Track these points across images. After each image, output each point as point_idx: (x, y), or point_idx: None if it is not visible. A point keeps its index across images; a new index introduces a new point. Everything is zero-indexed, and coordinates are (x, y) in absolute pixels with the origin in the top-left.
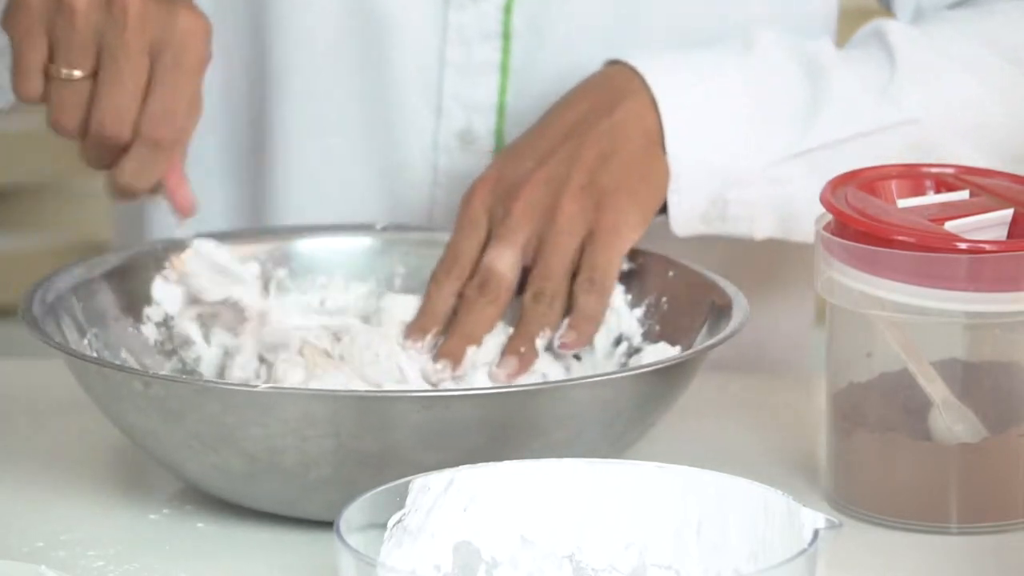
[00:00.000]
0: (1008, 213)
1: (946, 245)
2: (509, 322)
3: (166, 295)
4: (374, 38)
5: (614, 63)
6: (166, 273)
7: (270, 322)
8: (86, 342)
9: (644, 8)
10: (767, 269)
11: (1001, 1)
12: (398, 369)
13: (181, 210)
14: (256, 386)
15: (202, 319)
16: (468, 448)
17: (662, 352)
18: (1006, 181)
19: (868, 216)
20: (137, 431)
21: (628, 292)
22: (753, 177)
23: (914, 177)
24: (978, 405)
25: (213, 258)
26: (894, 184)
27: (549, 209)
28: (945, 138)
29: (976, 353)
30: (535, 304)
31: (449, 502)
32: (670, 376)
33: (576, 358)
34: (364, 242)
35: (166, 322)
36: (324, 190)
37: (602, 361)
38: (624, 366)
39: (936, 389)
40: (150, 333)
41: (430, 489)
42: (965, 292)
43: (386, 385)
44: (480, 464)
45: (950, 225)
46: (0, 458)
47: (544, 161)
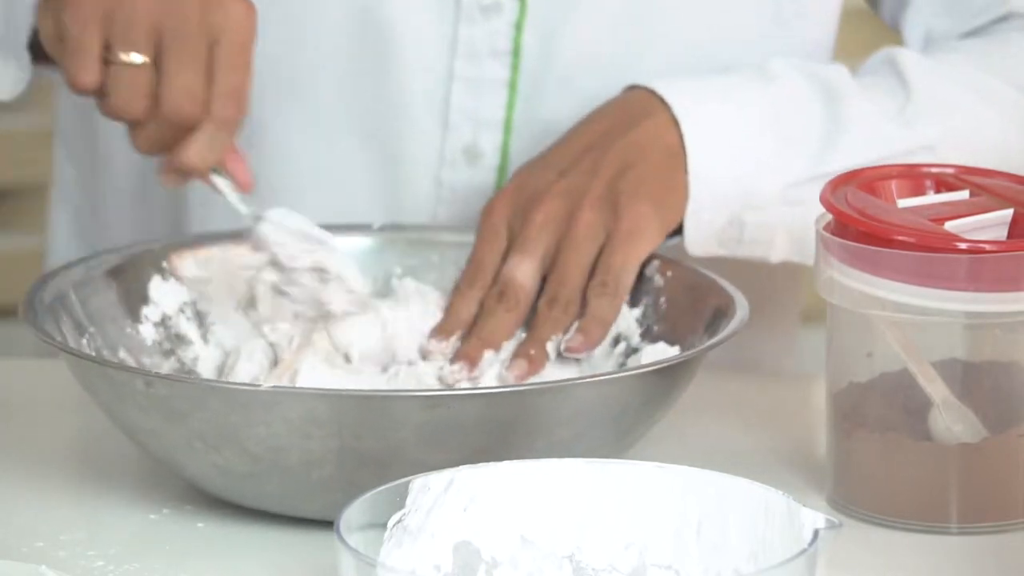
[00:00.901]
0: (1008, 213)
1: (946, 245)
2: (524, 328)
3: (163, 295)
4: (383, 50)
5: (632, 88)
6: (252, 246)
7: (351, 286)
8: (85, 341)
9: (653, 30)
10: (752, 270)
11: (1013, 31)
12: (418, 360)
13: (244, 185)
14: (259, 385)
15: (200, 317)
16: (471, 448)
17: (661, 352)
18: (1006, 181)
19: (868, 216)
20: (139, 431)
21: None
22: (771, 199)
23: (914, 177)
24: (978, 405)
25: (291, 225)
26: (894, 184)
27: (568, 219)
28: (956, 162)
29: (976, 353)
30: (549, 309)
31: (449, 502)
32: (672, 375)
33: (575, 359)
34: (361, 242)
35: (163, 322)
36: (327, 201)
37: (600, 361)
38: (622, 366)
39: (936, 389)
40: (148, 333)
41: (430, 489)
42: (965, 292)
43: (402, 369)
44: (480, 464)
45: (950, 225)
46: (0, 458)
47: (564, 173)
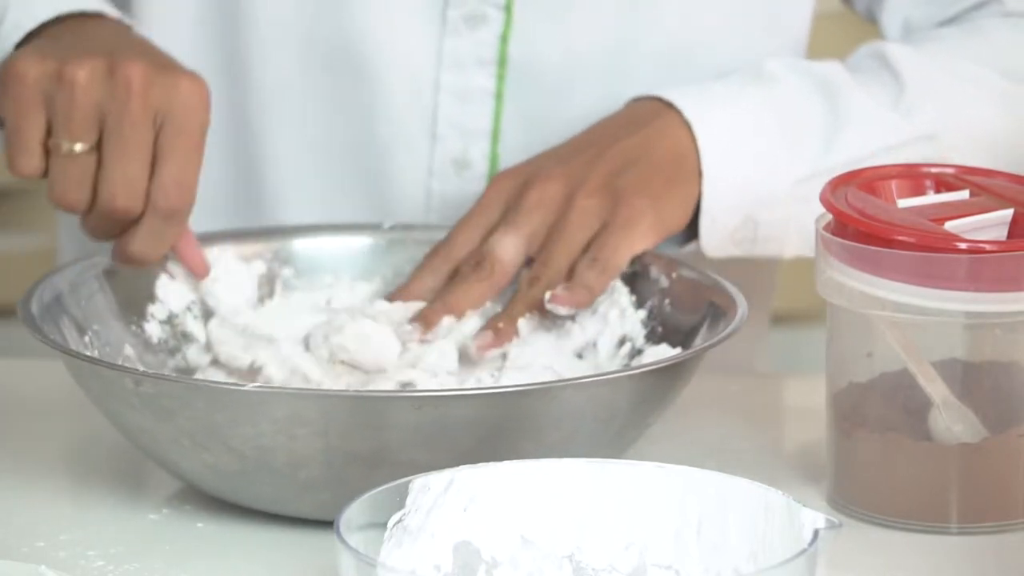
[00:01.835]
0: (1008, 213)
1: (946, 245)
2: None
3: (170, 293)
4: (369, 64)
5: (637, 99)
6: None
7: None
8: (87, 339)
9: (637, 38)
10: (721, 273)
11: (991, 18)
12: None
13: (196, 273)
14: (244, 385)
15: (207, 316)
16: (460, 449)
17: (662, 354)
18: (1006, 181)
19: (868, 216)
20: (131, 429)
21: (632, 293)
22: (781, 197)
23: (914, 177)
24: (978, 405)
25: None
26: (894, 184)
27: (563, 203)
28: (957, 153)
29: (976, 353)
30: (528, 287)
31: (449, 502)
32: (665, 377)
33: (579, 356)
34: (370, 241)
35: (170, 320)
36: (316, 213)
37: (605, 362)
38: (626, 367)
39: (936, 389)
40: (153, 331)
41: (430, 489)
42: (965, 292)
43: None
44: (480, 464)
45: (950, 225)
46: (0, 458)
47: (567, 161)
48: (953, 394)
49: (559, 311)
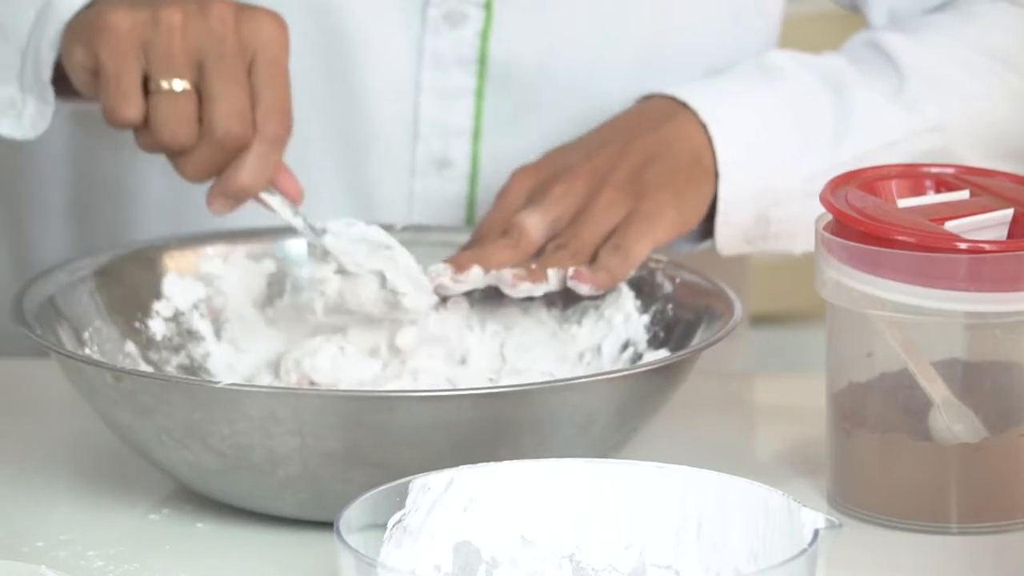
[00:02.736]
0: (1008, 213)
1: (946, 245)
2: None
3: (177, 291)
4: (349, 64)
5: (648, 97)
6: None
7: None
8: (86, 336)
9: (617, 35)
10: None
11: (977, 3)
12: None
13: (295, 197)
14: (218, 382)
15: (214, 314)
16: (434, 451)
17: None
18: (1006, 181)
19: (868, 216)
20: (117, 426)
21: (637, 298)
22: (793, 194)
23: (914, 177)
24: (978, 405)
25: (353, 234)
26: (894, 184)
27: (589, 195)
28: (956, 140)
29: (976, 353)
30: (555, 251)
31: (449, 502)
32: (646, 382)
33: (581, 360)
34: None
35: (175, 318)
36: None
37: (608, 366)
38: (599, 372)
39: (936, 389)
40: (158, 328)
41: (430, 489)
42: (965, 292)
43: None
44: (480, 464)
45: (950, 225)
46: (0, 458)
47: (590, 156)
48: (953, 394)
49: (580, 289)
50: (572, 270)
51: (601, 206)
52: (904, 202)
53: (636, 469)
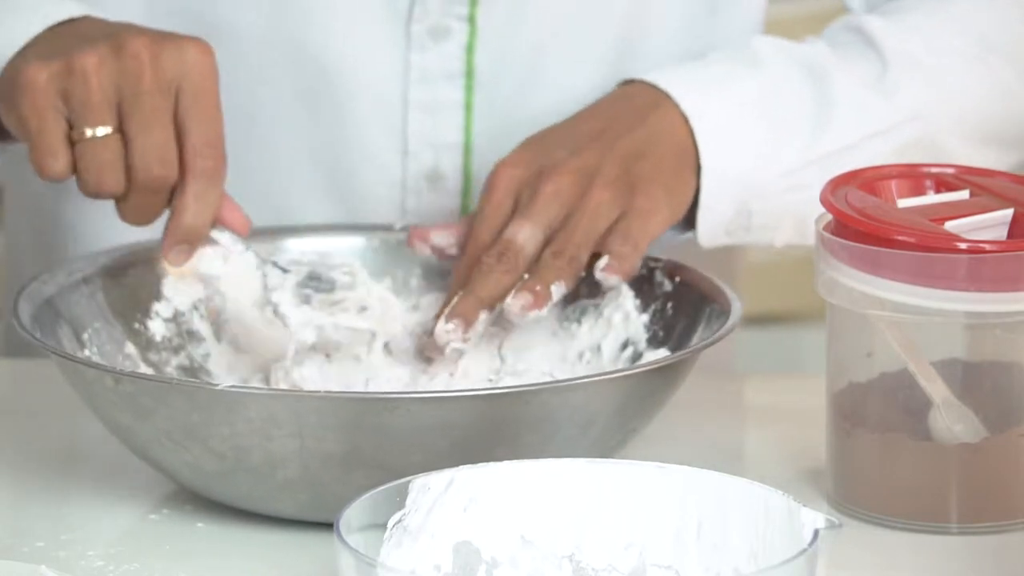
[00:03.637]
0: (1008, 213)
1: (946, 245)
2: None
3: (177, 291)
4: (336, 84)
5: (629, 82)
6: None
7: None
8: (85, 337)
9: (598, 33)
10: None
11: None
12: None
13: (241, 230)
14: (218, 385)
15: (213, 314)
16: (433, 452)
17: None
18: (1006, 181)
19: (868, 216)
20: (116, 427)
21: (637, 297)
22: (774, 186)
23: (914, 177)
24: (978, 405)
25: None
26: (894, 184)
27: (580, 196)
28: (939, 128)
29: (976, 353)
30: (553, 259)
31: (449, 502)
32: (646, 381)
33: (581, 359)
34: (381, 242)
35: (175, 318)
36: None
37: (608, 366)
38: (600, 372)
39: (936, 389)
40: (157, 329)
41: (430, 489)
42: (965, 292)
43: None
44: (480, 464)
45: (950, 225)
46: (0, 458)
47: (577, 152)
48: (953, 394)
49: (609, 281)
50: (603, 261)
51: (593, 207)
52: (904, 202)
53: (636, 469)
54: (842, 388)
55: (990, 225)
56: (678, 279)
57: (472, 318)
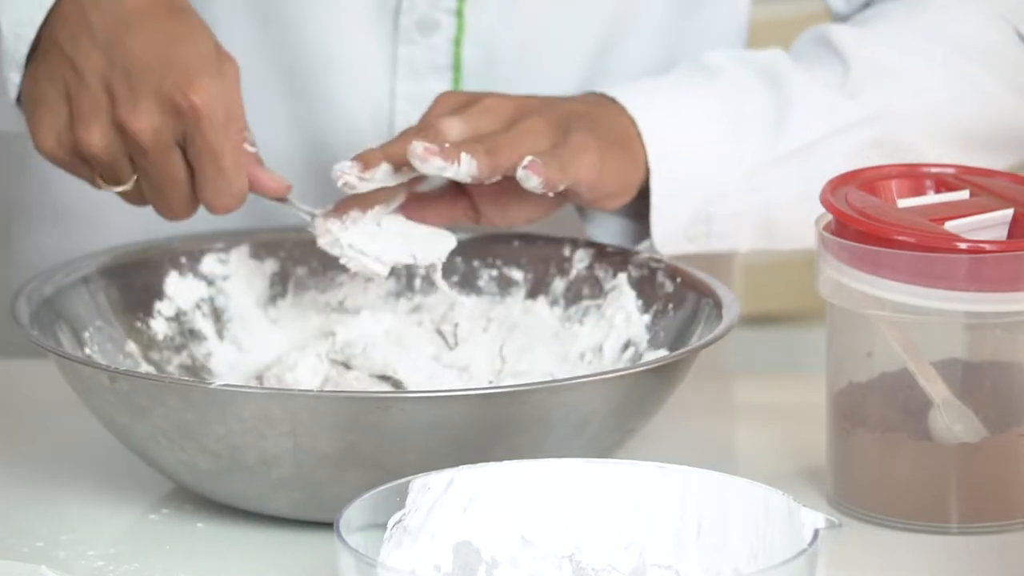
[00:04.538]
0: (1008, 213)
1: (946, 245)
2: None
3: (179, 290)
4: (324, 77)
5: (589, 94)
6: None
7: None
8: (86, 336)
9: (584, 28)
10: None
11: None
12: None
13: (278, 193)
14: (211, 383)
15: (217, 313)
16: (428, 451)
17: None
18: (1006, 181)
19: (868, 216)
20: (113, 426)
21: (639, 298)
22: (733, 189)
23: (914, 177)
24: (978, 405)
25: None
26: (894, 184)
27: (514, 119)
28: (905, 129)
29: (976, 353)
30: (473, 142)
31: (449, 502)
32: (641, 382)
33: (582, 359)
34: None
35: (177, 317)
36: None
37: (609, 366)
38: (597, 373)
39: (936, 389)
40: (159, 328)
41: (430, 489)
42: (965, 292)
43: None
44: (480, 464)
45: (950, 225)
46: (0, 458)
47: (519, 98)
48: (953, 394)
49: (530, 182)
50: (527, 159)
51: (526, 128)
52: (904, 202)
53: (636, 469)
54: (842, 388)
55: (990, 225)
56: (679, 280)
57: (371, 162)
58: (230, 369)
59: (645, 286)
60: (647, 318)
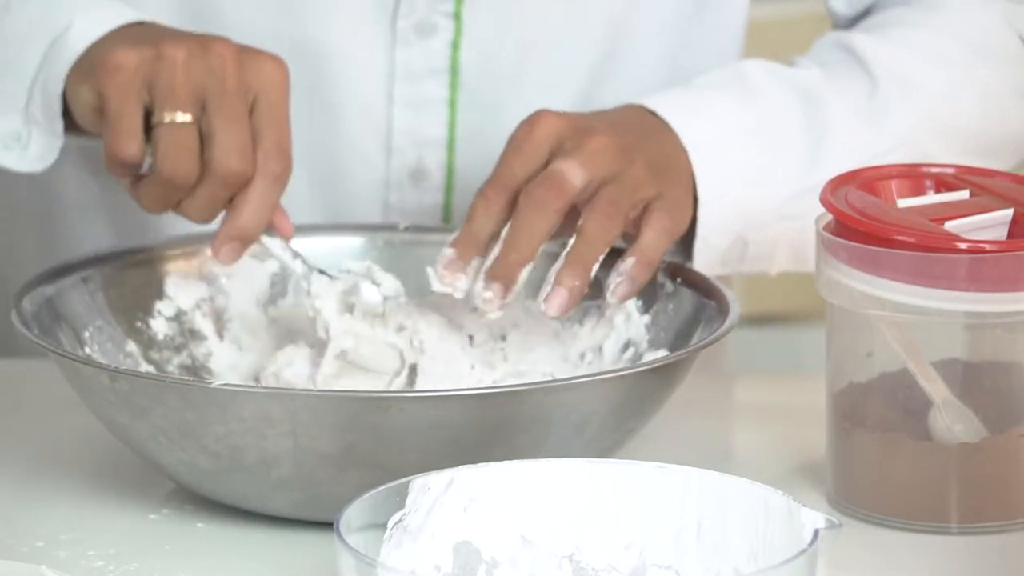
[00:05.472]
0: (1008, 213)
1: (946, 245)
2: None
3: (180, 290)
4: (321, 80)
5: (629, 106)
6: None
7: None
8: (87, 335)
9: (584, 33)
10: None
11: None
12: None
13: (287, 234)
14: (211, 383)
15: (217, 313)
16: (427, 451)
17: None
18: (1006, 181)
19: (868, 216)
20: (114, 426)
21: (639, 298)
22: (770, 217)
23: (914, 177)
24: (978, 405)
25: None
26: (894, 184)
27: (623, 160)
28: (928, 142)
29: (976, 353)
30: (605, 209)
31: (449, 502)
32: (640, 383)
33: (582, 360)
34: (386, 242)
35: (178, 317)
36: None
37: (609, 366)
38: (596, 373)
39: (936, 389)
40: (160, 328)
41: (430, 489)
42: (965, 292)
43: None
44: (480, 464)
45: (950, 225)
46: (0, 458)
47: (615, 130)
48: (953, 394)
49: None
50: (619, 279)
51: (639, 177)
52: (904, 202)
53: (636, 469)
54: (842, 388)
55: (990, 225)
56: (680, 280)
57: (512, 278)
58: (230, 369)
59: (645, 287)
60: (647, 318)
